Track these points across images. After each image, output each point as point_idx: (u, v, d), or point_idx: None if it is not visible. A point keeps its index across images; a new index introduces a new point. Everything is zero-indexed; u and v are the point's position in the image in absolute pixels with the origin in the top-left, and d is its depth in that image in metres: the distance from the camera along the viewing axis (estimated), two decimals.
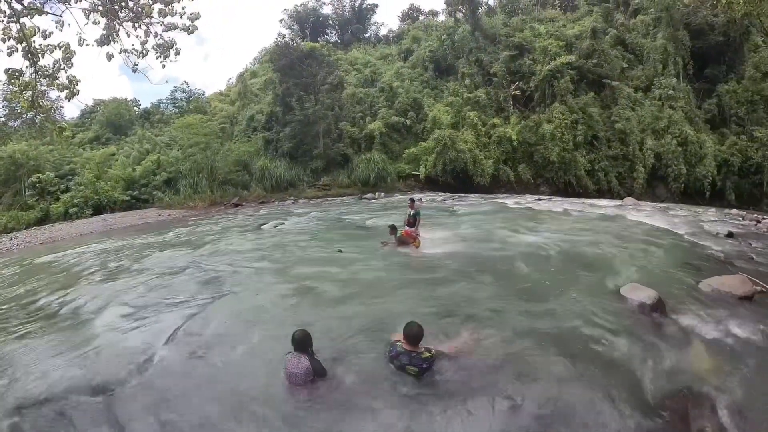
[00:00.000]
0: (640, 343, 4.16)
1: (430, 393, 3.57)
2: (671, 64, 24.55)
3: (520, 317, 4.95)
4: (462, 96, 27.59)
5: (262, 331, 4.95)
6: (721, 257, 6.64)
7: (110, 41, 6.51)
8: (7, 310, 7.24)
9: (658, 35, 25.45)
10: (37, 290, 8.35)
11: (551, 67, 25.01)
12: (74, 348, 5.08)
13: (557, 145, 23.30)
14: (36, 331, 5.91)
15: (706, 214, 10.89)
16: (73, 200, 24.22)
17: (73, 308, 6.76)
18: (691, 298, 5.01)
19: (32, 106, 6.68)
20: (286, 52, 28.50)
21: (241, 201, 24.40)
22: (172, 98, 41.33)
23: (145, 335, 5.24)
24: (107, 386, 4.12)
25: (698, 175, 21.89)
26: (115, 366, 4.47)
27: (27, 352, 5.14)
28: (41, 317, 6.55)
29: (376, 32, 48.07)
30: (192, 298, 6.51)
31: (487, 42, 29.67)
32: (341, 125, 27.61)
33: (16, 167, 25.22)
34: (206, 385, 4.05)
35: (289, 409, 3.59)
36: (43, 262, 11.75)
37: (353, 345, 4.43)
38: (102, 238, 15.62)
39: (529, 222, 11.18)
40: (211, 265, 8.76)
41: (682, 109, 23.57)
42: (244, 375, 4.14)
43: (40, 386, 4.22)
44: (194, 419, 3.59)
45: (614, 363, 3.91)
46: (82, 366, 4.58)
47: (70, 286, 8.29)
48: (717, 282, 5.28)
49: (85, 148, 32.17)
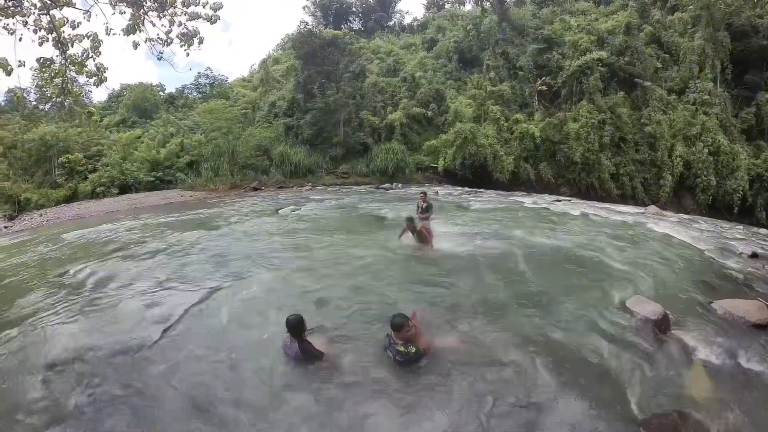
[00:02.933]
0: (637, 357, 4.10)
1: (408, 381, 3.80)
2: (708, 66, 23.17)
3: (518, 318, 4.99)
4: (485, 89, 26.96)
5: (273, 310, 5.35)
6: (741, 279, 6.35)
7: (136, 30, 6.72)
8: (38, 279, 7.74)
9: (697, 35, 23.99)
10: (66, 263, 8.89)
11: (581, 63, 24.04)
12: (100, 315, 5.62)
13: (582, 145, 22.48)
14: (65, 299, 6.38)
15: (732, 231, 10.41)
16: (100, 180, 25.29)
17: (98, 280, 7.25)
18: (700, 318, 4.86)
19: (62, 92, 6.98)
20: (309, 39, 28.47)
21: (260, 185, 24.86)
22: (196, 84, 42.09)
23: (165, 307, 5.72)
24: (128, 350, 4.60)
25: (728, 188, 20.73)
26: (137, 332, 4.97)
27: (57, 317, 5.64)
28: (70, 287, 7.02)
29: (400, 20, 47.49)
30: (210, 275, 7.01)
31: (514, 34, 28.87)
32: (362, 114, 27.54)
33: (47, 148, 26.37)
34: (218, 353, 4.48)
35: (286, 379, 3.99)
36: (71, 237, 12.28)
37: (352, 330, 4.77)
38: (127, 217, 16.21)
39: (544, 223, 11.05)
40: (229, 245, 9.35)
41: (717, 116, 22.23)
42: (253, 346, 4.57)
43: (68, 347, 4.71)
44: (204, 381, 3.99)
45: (605, 373, 3.90)
46: (106, 331, 5.08)
47: (96, 259, 8.83)
48: (731, 305, 5.05)
49: (112, 130, 33.03)
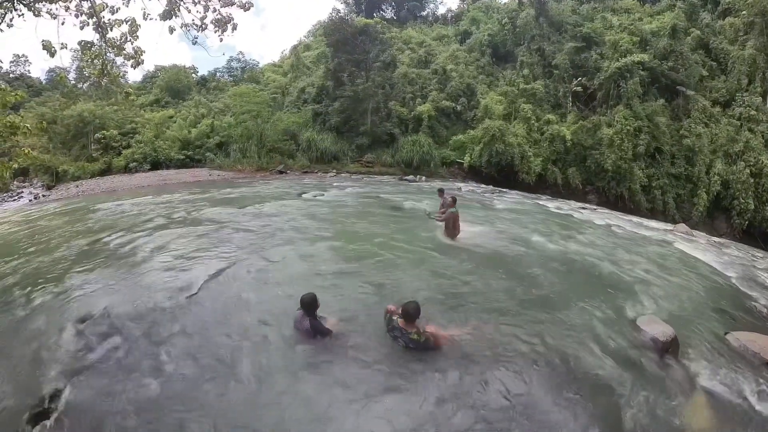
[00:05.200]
0: (638, 377, 4.04)
1: (409, 365, 3.99)
2: (759, 79, 21.74)
3: (524, 321, 5.00)
4: (518, 86, 26.37)
5: (288, 285, 5.69)
6: (764, 313, 6.10)
7: (172, 16, 6.94)
8: (73, 245, 8.27)
9: (749, 43, 22.49)
10: (98, 231, 9.43)
11: (620, 65, 22.90)
12: (127, 280, 6.06)
13: (614, 153, 21.31)
14: (97, 264, 6.86)
15: (764, 262, 9.92)
16: (134, 156, 26.54)
17: (128, 249, 7.72)
18: (712, 347, 4.69)
19: (102, 74, 7.31)
20: (340, 27, 28.48)
21: (286, 169, 25.36)
22: (228, 67, 43.31)
23: (188, 276, 6.10)
24: (151, 312, 4.99)
25: (767, 214, 19.58)
26: (160, 297, 5.35)
27: (89, 279, 6.12)
28: (101, 254, 7.52)
29: (433, 11, 46.78)
30: (233, 250, 7.40)
31: (551, 30, 27.95)
32: (390, 104, 27.50)
33: (84, 124, 27.88)
34: (234, 320, 4.86)
35: (295, 350, 4.26)
36: (105, 207, 12.92)
37: (361, 311, 5.01)
38: (157, 191, 16.91)
39: (567, 230, 10.80)
40: (251, 223, 9.76)
41: (762, 134, 20.84)
42: (267, 317, 4.87)
43: (98, 306, 5.14)
44: (220, 343, 4.35)
45: (603, 387, 3.87)
46: (131, 294, 5.51)
47: (127, 229, 9.32)
48: (747, 338, 4.84)
49: (146, 109, 34.47)
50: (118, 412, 3.43)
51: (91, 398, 3.60)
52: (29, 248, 8.27)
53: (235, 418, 3.40)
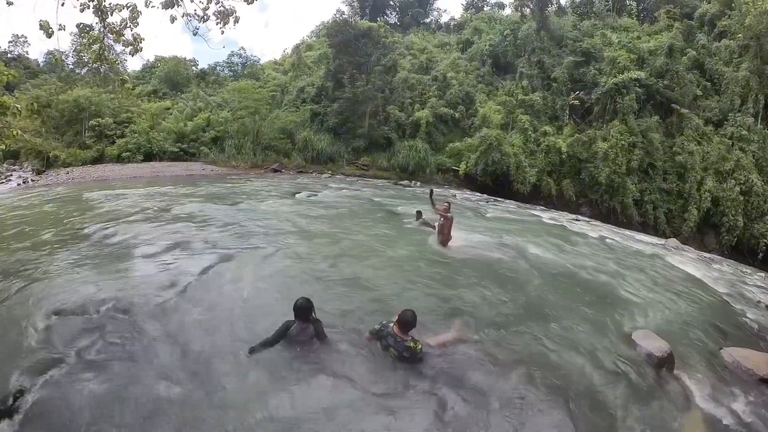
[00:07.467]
0: (633, 392, 3.99)
1: (398, 376, 3.86)
2: (751, 100, 22.06)
3: (517, 332, 4.92)
4: (516, 97, 26.55)
5: (275, 285, 5.63)
6: (755, 329, 6.10)
7: (174, 5, 6.81)
8: (57, 233, 8.05)
9: (743, 65, 22.89)
10: (84, 220, 9.22)
11: (617, 81, 23.29)
12: (111, 272, 5.82)
13: (609, 167, 21.64)
14: (81, 254, 6.65)
15: (753, 278, 10.02)
16: (127, 145, 26.06)
17: (115, 240, 7.53)
18: (706, 362, 4.68)
19: (99, 59, 7.12)
20: (343, 29, 28.53)
21: (281, 167, 25.23)
22: (229, 62, 42.75)
23: (175, 270, 5.93)
24: (135, 307, 4.72)
25: (755, 232, 19.63)
26: (145, 292, 5.12)
27: (69, 269, 5.88)
28: (86, 244, 7.32)
29: (437, 18, 47.19)
30: (222, 246, 7.29)
31: (552, 44, 28.26)
32: (389, 108, 27.52)
33: (79, 110, 27.18)
34: (222, 318, 4.67)
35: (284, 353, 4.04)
36: (93, 196, 12.68)
37: (350, 318, 4.84)
38: (149, 183, 16.65)
39: (560, 241, 10.83)
40: (242, 220, 9.67)
41: (753, 154, 21.11)
42: (253, 315, 4.73)
43: (75, 299, 4.86)
44: (206, 344, 4.13)
45: (597, 402, 3.82)
46: (116, 287, 5.24)
47: (114, 220, 9.11)
48: (740, 354, 4.84)
49: (143, 99, 33.92)
50: (85, 412, 3.19)
51: (59, 397, 3.32)
52: (8, 235, 8.03)
53: (207, 419, 3.21)
